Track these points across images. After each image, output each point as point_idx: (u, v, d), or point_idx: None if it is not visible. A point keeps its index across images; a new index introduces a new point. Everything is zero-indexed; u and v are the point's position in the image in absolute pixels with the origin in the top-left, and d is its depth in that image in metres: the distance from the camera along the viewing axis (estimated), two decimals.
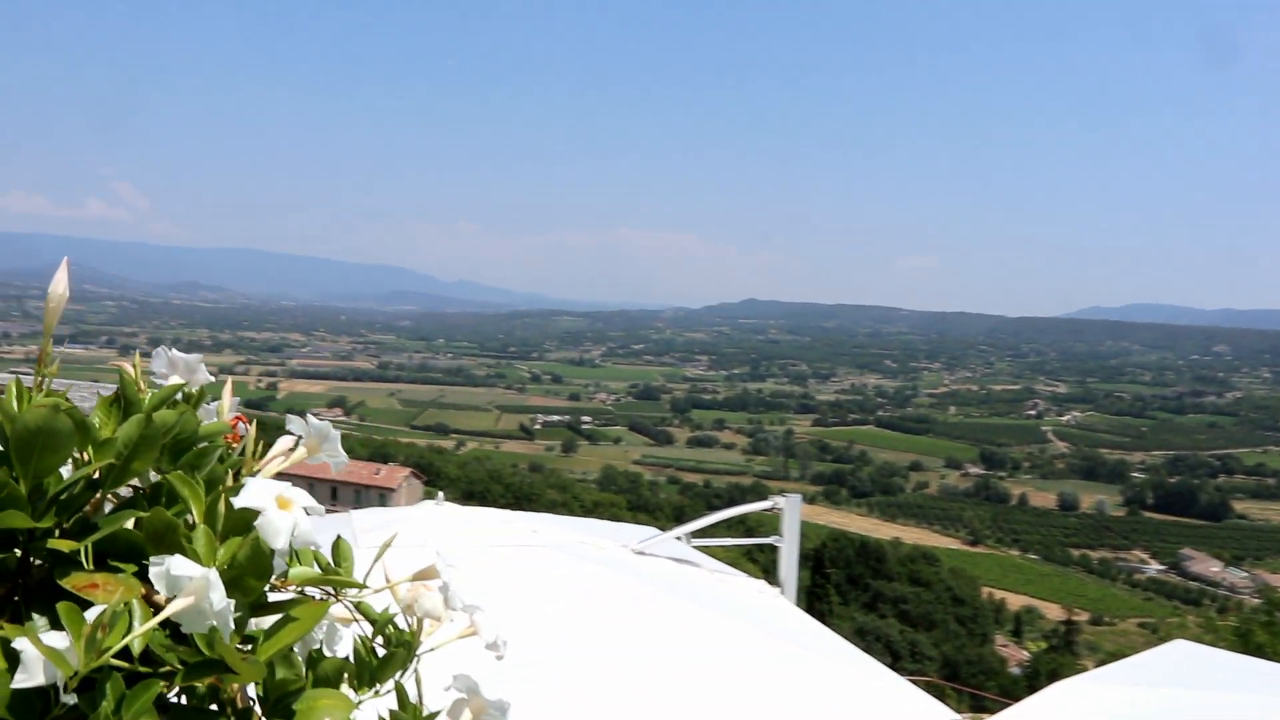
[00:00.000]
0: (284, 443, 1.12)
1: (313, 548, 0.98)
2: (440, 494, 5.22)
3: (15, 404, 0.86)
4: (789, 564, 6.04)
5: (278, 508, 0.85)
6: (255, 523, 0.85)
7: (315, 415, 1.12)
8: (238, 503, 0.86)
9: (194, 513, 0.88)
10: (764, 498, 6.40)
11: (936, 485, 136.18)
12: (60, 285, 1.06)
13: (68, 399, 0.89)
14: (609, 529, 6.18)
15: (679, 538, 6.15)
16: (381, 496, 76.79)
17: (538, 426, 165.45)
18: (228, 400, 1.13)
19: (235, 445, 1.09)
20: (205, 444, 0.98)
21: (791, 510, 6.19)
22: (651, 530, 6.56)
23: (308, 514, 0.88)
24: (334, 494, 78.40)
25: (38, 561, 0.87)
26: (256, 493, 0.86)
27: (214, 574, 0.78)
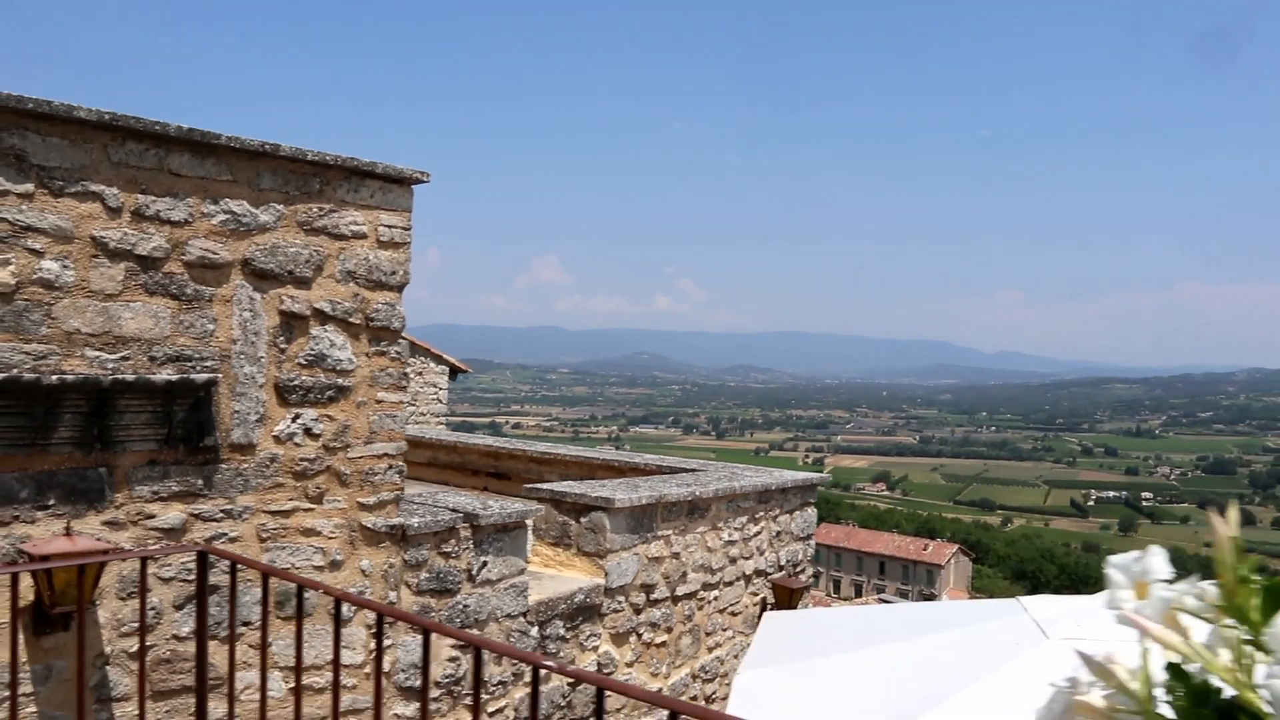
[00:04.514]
0: None
1: None
2: None
3: None
4: None
5: None
6: None
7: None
8: None
9: None
10: None
11: None
12: (1228, 528, 0.91)
13: None
14: None
15: None
16: (929, 572, 75.56)
17: (1091, 503, 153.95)
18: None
19: None
20: None
21: None
22: None
23: None
24: (882, 568, 78.58)
25: None
26: None
27: None
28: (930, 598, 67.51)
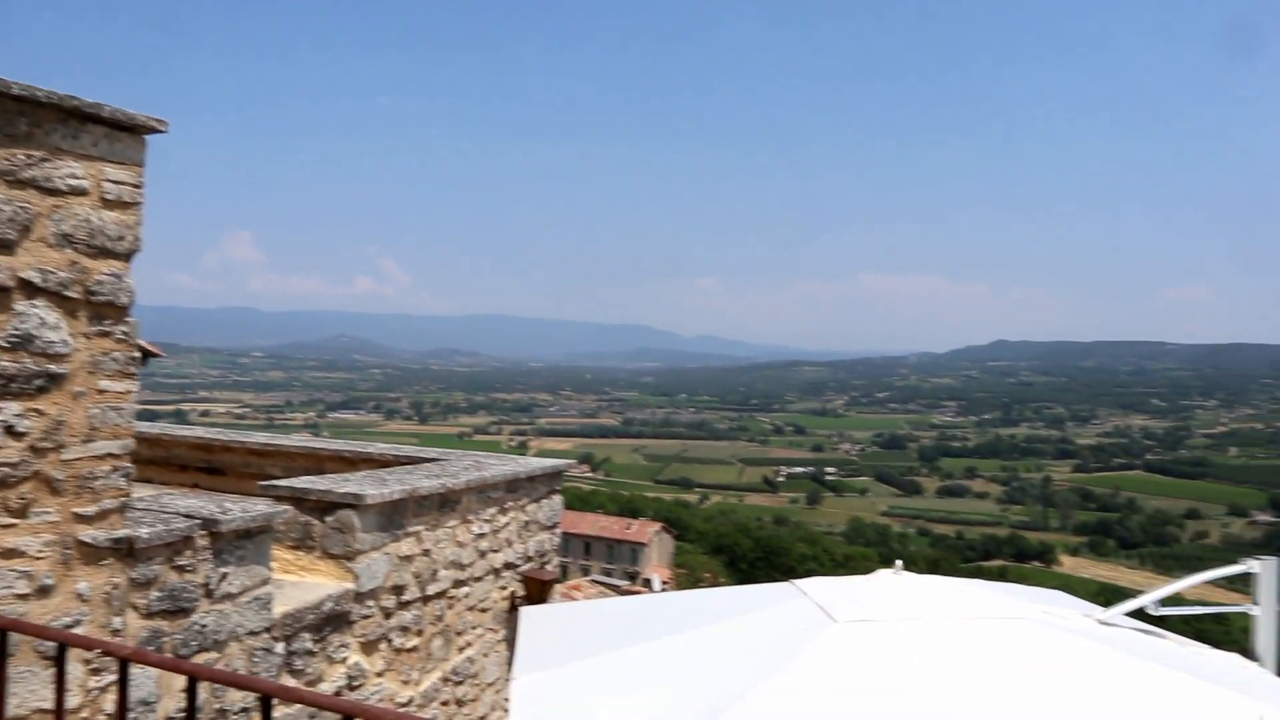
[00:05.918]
0: None
1: None
2: (899, 562, 4.83)
3: None
4: (1268, 635, 5.33)
5: None
6: None
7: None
8: None
9: None
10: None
11: (1218, 534, 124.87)
12: None
13: None
14: (1063, 599, 5.62)
15: (1149, 608, 5.51)
16: (633, 551, 77.56)
17: (781, 479, 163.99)
18: None
19: None
20: None
21: (1269, 575, 5.47)
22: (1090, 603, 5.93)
23: None
24: (587, 548, 79.81)
25: None
26: None
27: None
28: (634, 576, 69.36)
